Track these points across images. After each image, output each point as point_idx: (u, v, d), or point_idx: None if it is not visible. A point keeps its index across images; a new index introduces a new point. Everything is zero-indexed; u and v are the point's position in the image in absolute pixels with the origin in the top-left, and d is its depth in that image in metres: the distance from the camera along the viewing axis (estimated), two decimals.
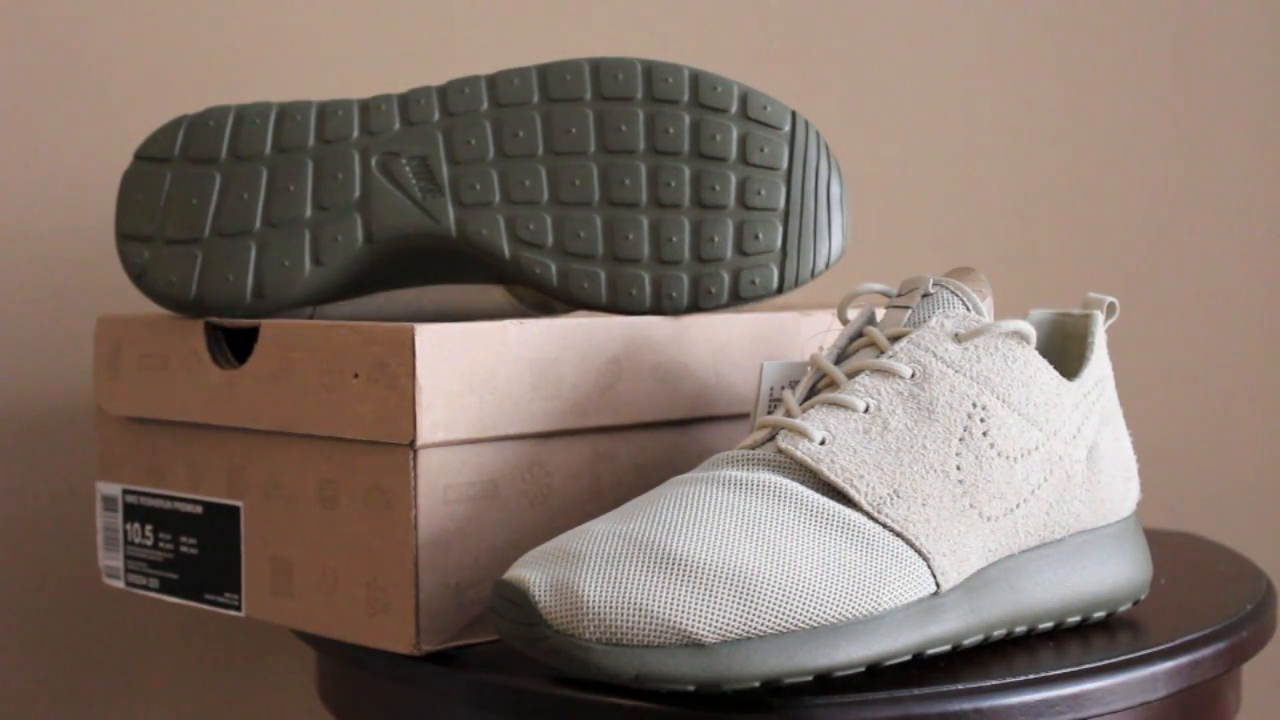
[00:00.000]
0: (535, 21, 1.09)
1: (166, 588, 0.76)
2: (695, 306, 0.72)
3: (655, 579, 0.57)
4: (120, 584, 0.79)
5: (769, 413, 0.69)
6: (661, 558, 0.58)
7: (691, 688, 0.57)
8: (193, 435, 0.74)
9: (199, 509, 0.74)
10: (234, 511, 0.72)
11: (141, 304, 0.89)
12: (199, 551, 0.74)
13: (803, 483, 0.61)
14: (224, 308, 0.71)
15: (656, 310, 0.72)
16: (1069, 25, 1.08)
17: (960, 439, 0.62)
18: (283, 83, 0.98)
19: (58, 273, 0.91)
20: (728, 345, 0.73)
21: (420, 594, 0.64)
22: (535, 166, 0.72)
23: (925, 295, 0.65)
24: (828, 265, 0.73)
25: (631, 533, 0.59)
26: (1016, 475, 0.63)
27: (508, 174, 0.72)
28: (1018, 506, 0.63)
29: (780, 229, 0.72)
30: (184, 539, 0.75)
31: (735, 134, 0.72)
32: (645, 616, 0.56)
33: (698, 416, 0.73)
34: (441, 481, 0.65)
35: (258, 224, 0.72)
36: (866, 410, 0.62)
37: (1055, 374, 0.65)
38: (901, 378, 0.63)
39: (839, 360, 0.66)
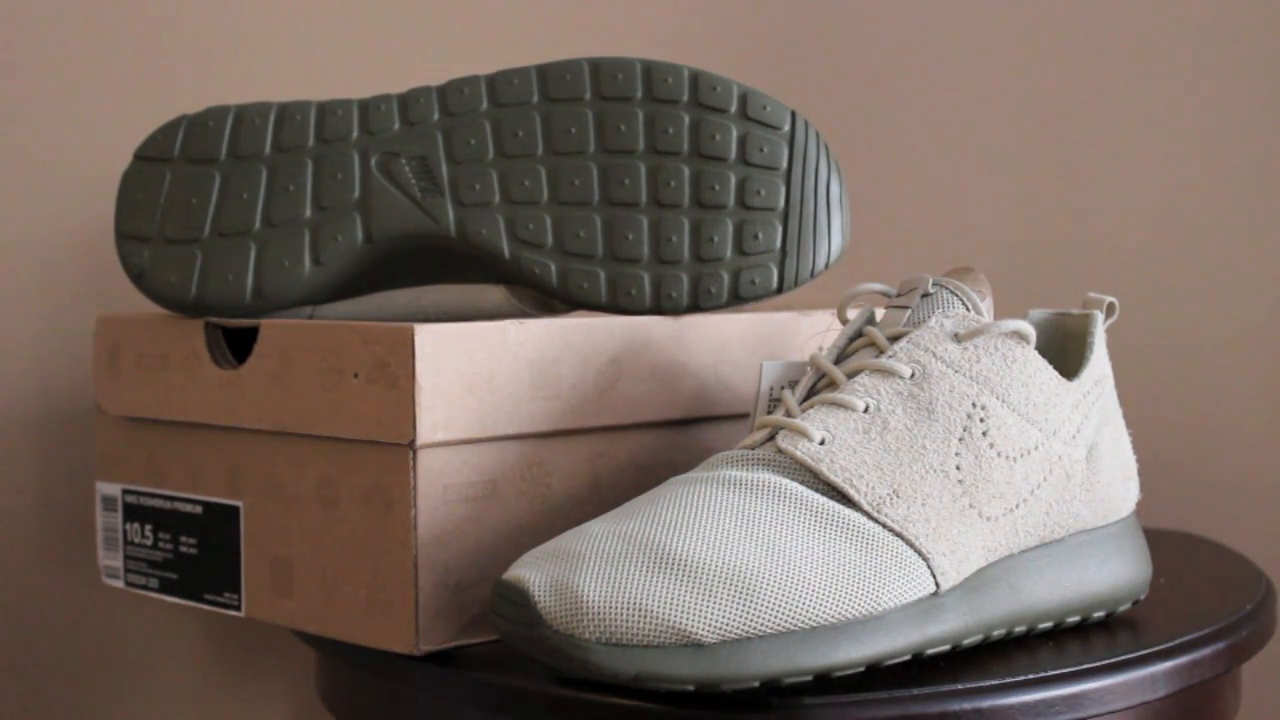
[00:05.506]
0: (535, 21, 1.09)
1: (166, 588, 0.76)
2: (695, 306, 0.72)
3: (655, 579, 0.57)
4: (120, 584, 0.79)
5: (769, 413, 0.69)
6: (661, 557, 0.58)
7: (691, 688, 0.57)
8: (192, 435, 0.74)
9: (199, 509, 0.74)
10: (234, 511, 0.72)
11: (141, 304, 0.89)
12: (199, 551, 0.74)
13: (802, 483, 0.61)
14: (224, 308, 0.71)
15: (656, 310, 0.72)
16: (1069, 24, 1.08)
17: (960, 439, 0.62)
18: (283, 83, 0.98)
19: (58, 273, 0.91)
20: (728, 345, 0.73)
21: (419, 594, 0.64)
22: (535, 166, 0.72)
23: (925, 295, 0.65)
24: (828, 265, 0.73)
25: (631, 533, 0.59)
26: (1016, 475, 0.63)
27: (507, 174, 0.72)
28: (1017, 506, 0.63)
29: (780, 229, 0.72)
30: (184, 539, 0.75)
31: (735, 134, 0.72)
32: (645, 616, 0.56)
33: (697, 416, 0.73)
34: (441, 481, 0.65)
35: (257, 224, 0.72)
36: (866, 410, 0.62)
37: (1055, 374, 0.65)
38: (901, 378, 0.63)
39: (839, 360, 0.66)
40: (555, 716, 0.60)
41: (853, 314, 0.69)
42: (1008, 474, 0.63)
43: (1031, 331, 0.64)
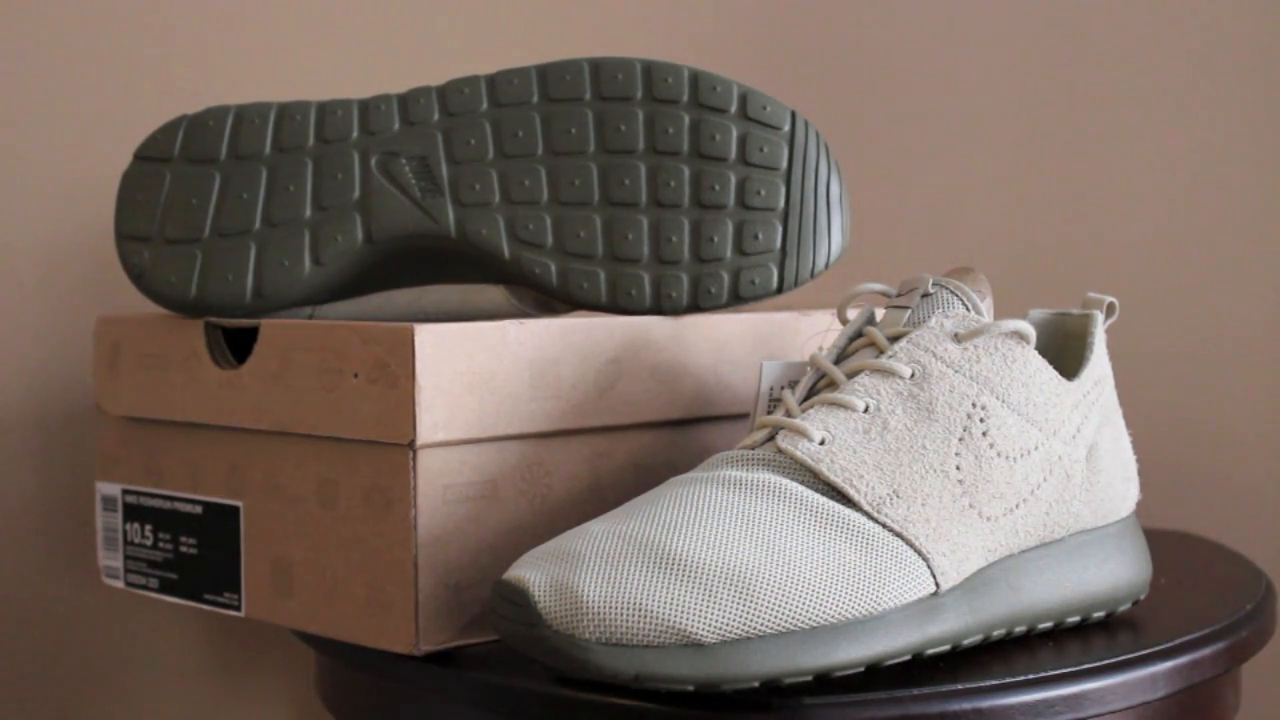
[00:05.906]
0: (535, 21, 1.09)
1: (166, 588, 0.76)
2: (695, 306, 0.72)
3: (655, 579, 0.57)
4: (120, 584, 0.79)
5: (769, 413, 0.69)
6: (661, 558, 0.58)
7: (691, 688, 0.57)
8: (192, 435, 0.74)
9: (199, 509, 0.74)
10: (234, 511, 0.72)
11: (141, 304, 0.89)
12: (199, 551, 0.74)
13: (802, 483, 0.61)
14: (224, 308, 0.71)
15: (656, 310, 0.72)
16: (1070, 24, 1.08)
17: (960, 439, 0.62)
18: (283, 83, 0.98)
19: (58, 273, 0.91)
20: (727, 345, 0.73)
21: (419, 594, 0.64)
22: (535, 166, 0.72)
23: (925, 295, 0.65)
24: (827, 265, 0.73)
25: (631, 533, 0.59)
26: (1016, 475, 0.63)
27: (507, 174, 0.72)
28: (1017, 506, 0.63)
29: (780, 229, 0.72)
30: (184, 539, 0.75)
31: (735, 134, 0.72)
32: (645, 616, 0.56)
33: (697, 416, 0.73)
34: (441, 481, 0.65)
35: (258, 224, 0.72)
36: (866, 410, 0.62)
37: (1055, 374, 0.65)
38: (901, 378, 0.63)
39: (839, 360, 0.66)
40: (555, 716, 0.60)
41: (853, 314, 0.69)
42: (1008, 474, 0.63)
43: (1031, 331, 0.64)
